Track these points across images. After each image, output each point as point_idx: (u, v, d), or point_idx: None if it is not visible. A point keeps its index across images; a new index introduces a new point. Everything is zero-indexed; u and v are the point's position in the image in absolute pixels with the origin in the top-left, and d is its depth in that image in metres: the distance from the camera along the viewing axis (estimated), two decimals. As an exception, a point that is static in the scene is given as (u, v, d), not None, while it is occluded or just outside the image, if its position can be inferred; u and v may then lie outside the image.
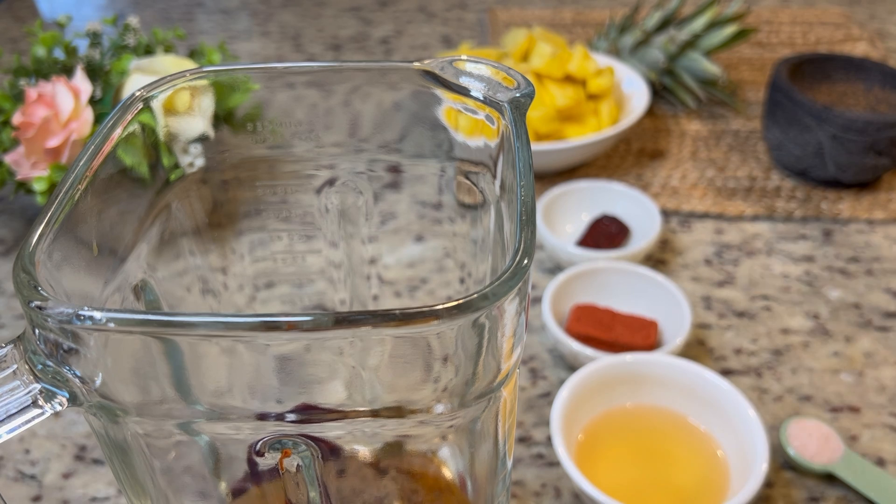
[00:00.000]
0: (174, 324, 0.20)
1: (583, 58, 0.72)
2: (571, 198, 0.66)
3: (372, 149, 0.36)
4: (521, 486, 0.46)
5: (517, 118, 0.28)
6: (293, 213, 0.38)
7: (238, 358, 0.22)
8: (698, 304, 0.58)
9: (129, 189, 0.31)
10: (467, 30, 1.04)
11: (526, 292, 0.23)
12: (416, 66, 0.31)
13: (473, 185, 0.34)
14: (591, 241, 0.62)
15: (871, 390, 0.51)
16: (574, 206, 0.66)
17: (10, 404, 0.22)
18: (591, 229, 0.63)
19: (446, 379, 0.23)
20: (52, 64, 0.65)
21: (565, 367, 0.53)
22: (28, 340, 0.23)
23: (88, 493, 0.46)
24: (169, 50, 0.69)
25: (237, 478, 0.33)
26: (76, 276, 0.26)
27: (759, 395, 0.51)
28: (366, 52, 0.99)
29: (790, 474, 0.46)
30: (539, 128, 0.70)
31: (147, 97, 0.30)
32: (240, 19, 1.08)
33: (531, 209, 0.24)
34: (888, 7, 1.07)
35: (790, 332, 0.56)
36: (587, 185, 0.66)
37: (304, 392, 0.23)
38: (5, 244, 0.66)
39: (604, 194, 0.66)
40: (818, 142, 0.67)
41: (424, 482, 0.36)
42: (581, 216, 0.65)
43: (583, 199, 0.66)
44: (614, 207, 0.65)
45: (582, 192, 0.66)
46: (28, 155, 0.58)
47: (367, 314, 0.20)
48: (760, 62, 0.92)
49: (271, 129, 0.34)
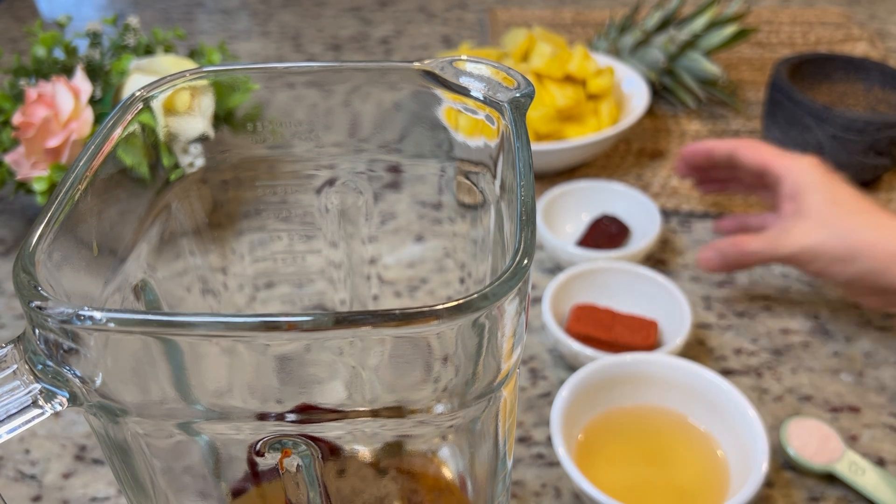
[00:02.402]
0: (174, 324, 0.20)
1: (583, 58, 0.72)
2: (571, 198, 0.66)
3: (372, 149, 0.36)
4: (521, 486, 0.46)
5: (517, 118, 0.28)
6: (293, 213, 0.38)
7: (238, 358, 0.22)
8: (698, 304, 0.58)
9: (129, 189, 0.31)
10: (467, 30, 1.04)
11: (526, 292, 0.23)
12: (416, 66, 0.31)
13: (473, 185, 0.34)
14: (591, 241, 0.62)
15: (871, 390, 0.51)
16: (574, 206, 0.65)
17: (10, 404, 0.22)
18: (591, 229, 0.63)
19: (446, 379, 0.23)
20: (52, 64, 0.65)
21: (565, 367, 0.53)
22: (28, 340, 0.23)
23: (88, 493, 0.46)
24: (169, 50, 0.69)
25: (237, 478, 0.33)
26: (76, 276, 0.26)
27: (759, 395, 0.51)
28: (366, 52, 0.99)
29: (790, 474, 0.46)
30: (539, 128, 0.70)
31: (147, 97, 0.30)
32: (240, 19, 1.08)
33: (531, 209, 0.24)
34: (888, 7, 1.07)
35: (790, 332, 0.56)
36: (587, 185, 0.66)
37: (304, 392, 0.23)
38: (5, 244, 0.66)
39: (604, 194, 0.66)
40: (818, 142, 0.67)
41: (424, 482, 0.36)
42: (581, 216, 0.65)
43: (583, 199, 0.66)
44: (614, 207, 0.65)
45: (582, 192, 0.66)
46: (28, 155, 0.58)
47: (367, 314, 0.20)
48: (760, 62, 0.92)
49: (271, 129, 0.34)
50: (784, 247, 0.51)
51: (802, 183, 0.52)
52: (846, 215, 0.50)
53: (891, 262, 0.48)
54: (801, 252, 0.50)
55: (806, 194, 0.51)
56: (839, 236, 0.49)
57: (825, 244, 0.49)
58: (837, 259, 0.49)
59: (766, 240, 0.52)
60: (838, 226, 0.49)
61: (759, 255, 0.52)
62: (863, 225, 0.49)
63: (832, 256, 0.49)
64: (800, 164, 0.53)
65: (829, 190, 0.51)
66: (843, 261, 0.49)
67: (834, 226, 0.49)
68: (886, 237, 0.48)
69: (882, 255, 0.48)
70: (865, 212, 0.50)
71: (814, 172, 0.52)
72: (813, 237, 0.50)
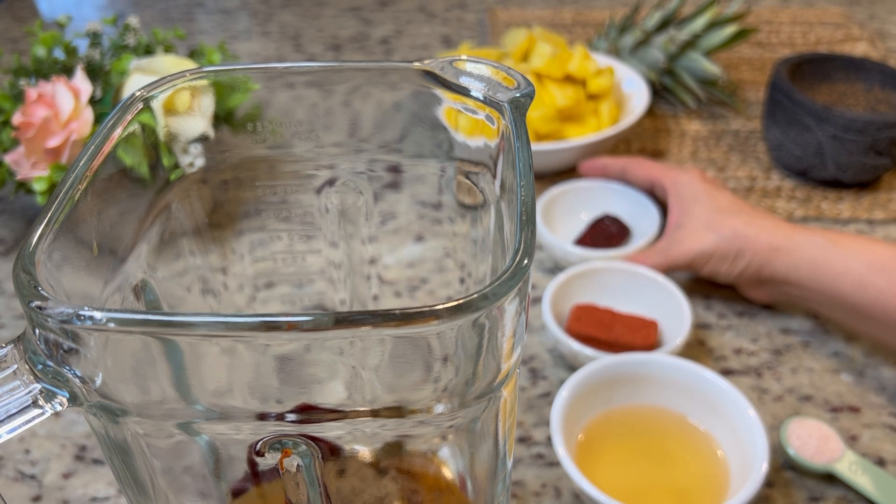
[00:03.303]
0: (174, 324, 0.20)
1: (583, 58, 0.72)
2: (571, 197, 0.65)
3: (372, 149, 0.36)
4: (521, 486, 0.46)
5: (517, 118, 0.28)
6: (293, 213, 0.38)
7: (238, 358, 0.22)
8: (698, 304, 0.58)
9: (129, 189, 0.31)
10: (467, 30, 1.04)
11: (526, 292, 0.23)
12: (416, 66, 0.31)
13: (473, 185, 0.34)
14: (591, 240, 0.62)
15: (871, 390, 0.51)
16: (574, 205, 0.65)
17: (11, 404, 0.22)
18: (591, 229, 0.62)
19: (446, 379, 0.23)
20: (52, 64, 0.65)
21: (565, 367, 0.53)
22: (28, 340, 0.23)
23: (88, 493, 0.46)
24: (169, 50, 0.69)
25: (237, 478, 0.33)
26: (76, 276, 0.26)
27: (759, 395, 0.51)
28: (366, 52, 0.99)
29: (790, 474, 0.46)
30: (539, 128, 0.70)
31: (147, 97, 0.30)
32: (240, 19, 1.08)
33: (531, 209, 0.24)
34: (888, 7, 1.07)
35: (790, 332, 0.56)
36: (587, 184, 0.66)
37: (304, 392, 0.23)
38: (5, 244, 0.66)
39: (604, 194, 0.66)
40: (818, 142, 0.67)
41: (424, 482, 0.36)
42: (581, 216, 0.65)
43: (583, 199, 0.66)
44: (614, 207, 0.65)
45: (582, 192, 0.66)
46: (28, 155, 0.58)
47: (367, 314, 0.20)
48: (760, 62, 0.92)
49: (271, 129, 0.34)
50: (680, 255, 0.56)
51: (688, 195, 0.58)
52: (729, 218, 0.55)
53: (770, 254, 0.53)
54: (696, 257, 0.55)
55: (692, 204, 0.57)
56: (725, 238, 0.54)
57: (715, 246, 0.55)
58: (727, 258, 0.54)
59: (662, 254, 0.57)
60: (724, 229, 0.55)
61: (659, 267, 0.56)
62: (744, 225, 0.54)
63: (721, 256, 0.55)
64: (684, 178, 0.59)
65: (712, 198, 0.57)
66: (731, 259, 0.54)
67: (720, 229, 0.55)
68: (765, 233, 0.53)
69: (762, 248, 0.53)
70: (744, 212, 0.56)
71: (697, 184, 0.58)
72: (705, 242, 0.55)
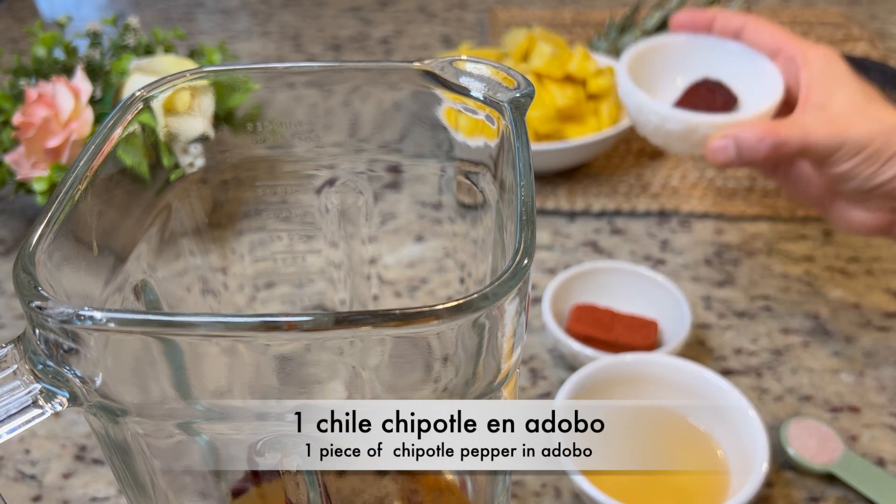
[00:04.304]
0: (174, 324, 0.20)
1: (583, 58, 0.72)
2: (663, 55, 0.53)
3: (372, 149, 0.36)
4: (521, 486, 0.46)
5: (517, 118, 0.28)
6: (293, 213, 0.38)
7: (238, 358, 0.22)
8: (698, 304, 0.58)
9: (129, 189, 0.31)
10: (467, 30, 1.04)
11: (526, 292, 0.23)
12: (416, 66, 0.31)
13: (473, 185, 0.34)
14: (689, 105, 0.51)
15: (871, 390, 0.51)
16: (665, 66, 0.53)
17: (11, 404, 0.22)
18: (688, 94, 0.51)
19: (446, 379, 0.23)
20: (52, 64, 0.65)
21: (565, 367, 0.53)
22: (28, 340, 0.23)
23: (88, 493, 0.46)
24: (169, 50, 0.69)
25: (237, 478, 0.33)
26: (76, 276, 0.26)
27: (759, 395, 0.51)
28: (366, 52, 0.99)
29: (790, 474, 0.46)
30: (539, 128, 0.70)
31: (147, 97, 0.30)
32: (240, 19, 1.08)
33: (531, 209, 0.24)
34: (888, 7, 1.07)
35: (790, 332, 0.56)
36: (686, 39, 0.53)
37: (305, 392, 0.23)
38: (5, 244, 0.66)
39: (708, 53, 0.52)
40: (818, 142, 0.67)
41: (424, 482, 0.36)
42: (676, 81, 0.53)
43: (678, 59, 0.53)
44: (720, 71, 0.52)
45: (678, 50, 0.53)
46: (28, 155, 0.58)
47: (367, 314, 0.20)
48: (760, 62, 0.92)
49: (271, 129, 0.34)
50: (824, 137, 0.43)
51: (830, 73, 0.45)
52: (888, 111, 0.43)
53: None
54: (846, 145, 0.43)
55: (836, 85, 0.45)
56: (884, 132, 0.42)
57: (871, 139, 0.42)
58: (880, 157, 0.43)
59: (801, 129, 0.43)
60: (885, 120, 0.43)
61: (789, 144, 0.43)
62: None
63: (874, 153, 0.43)
64: (822, 52, 0.47)
65: (860, 83, 0.45)
66: (884, 160, 0.43)
67: (881, 119, 0.43)
68: None
69: None
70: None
71: (840, 63, 0.46)
72: (861, 130, 0.42)
